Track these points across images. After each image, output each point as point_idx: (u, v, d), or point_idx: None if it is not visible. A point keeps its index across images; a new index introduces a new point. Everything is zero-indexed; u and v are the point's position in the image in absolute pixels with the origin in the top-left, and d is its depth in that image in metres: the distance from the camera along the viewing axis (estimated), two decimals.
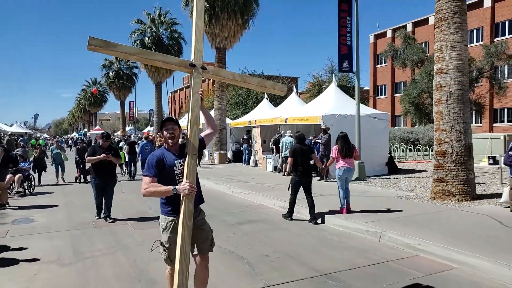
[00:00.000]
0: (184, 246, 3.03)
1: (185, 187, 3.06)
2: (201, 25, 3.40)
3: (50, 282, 4.71)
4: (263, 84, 3.84)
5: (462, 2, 8.79)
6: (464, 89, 8.77)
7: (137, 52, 3.20)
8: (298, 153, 7.64)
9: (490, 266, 4.68)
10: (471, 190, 8.74)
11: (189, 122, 3.22)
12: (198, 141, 3.32)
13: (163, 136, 3.40)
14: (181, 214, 3.07)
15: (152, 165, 3.27)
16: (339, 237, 6.49)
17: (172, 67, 3.44)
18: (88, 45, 2.87)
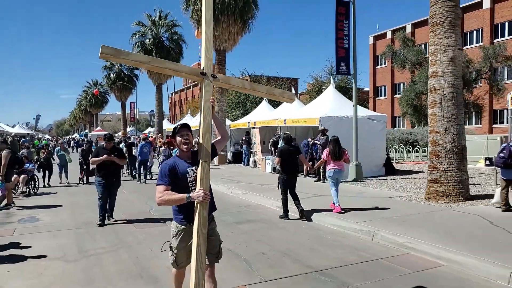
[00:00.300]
0: (200, 253, 3.00)
1: (199, 194, 3.06)
2: (210, 34, 3.41)
3: (57, 277, 4.95)
4: (272, 92, 3.85)
5: (456, 7, 9.01)
6: (458, 92, 8.99)
7: (148, 61, 3.21)
8: (285, 153, 8.02)
9: (477, 263, 4.90)
10: (465, 191, 8.96)
11: (202, 129, 3.21)
12: (211, 147, 3.31)
13: (176, 142, 3.40)
14: (196, 221, 3.05)
15: (165, 174, 3.28)
16: (333, 236, 6.72)
17: (182, 75, 3.46)
18: (101, 54, 2.90)
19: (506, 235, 6.08)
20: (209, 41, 3.39)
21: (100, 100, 70.16)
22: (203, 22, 3.42)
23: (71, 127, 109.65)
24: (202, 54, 3.38)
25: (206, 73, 3.32)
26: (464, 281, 4.61)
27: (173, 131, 3.45)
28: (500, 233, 6.21)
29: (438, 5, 9.01)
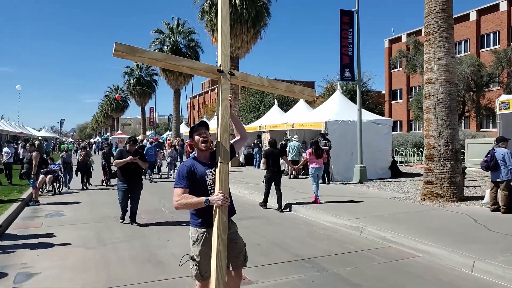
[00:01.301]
0: (220, 260, 2.88)
1: (218, 198, 2.94)
2: (226, 30, 3.31)
3: (79, 261, 5.75)
4: (292, 89, 3.71)
5: (449, 17, 9.51)
6: (451, 98, 9.48)
7: (163, 58, 3.13)
8: (270, 155, 9.43)
9: (447, 254, 5.46)
10: (458, 192, 9.41)
11: (219, 129, 3.12)
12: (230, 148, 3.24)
13: (194, 141, 3.28)
14: (215, 227, 2.93)
15: (183, 176, 3.13)
16: (325, 231, 7.35)
17: (199, 73, 3.34)
18: (115, 51, 2.82)
19: (484, 231, 6.59)
20: (226, 36, 3.28)
21: (121, 104, 72.30)
22: (219, 17, 3.32)
23: (93, 130, 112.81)
24: (219, 50, 3.25)
25: (223, 71, 3.19)
26: (431, 268, 5.18)
27: (191, 131, 3.33)
28: (479, 230, 6.71)
29: (431, 16, 9.53)
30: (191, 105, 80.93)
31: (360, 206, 9.13)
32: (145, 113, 56.94)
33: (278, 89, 3.64)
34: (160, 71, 37.32)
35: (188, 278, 4.73)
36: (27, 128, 50.76)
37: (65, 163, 14.19)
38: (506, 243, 5.82)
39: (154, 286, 4.75)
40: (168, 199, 10.95)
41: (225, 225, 2.97)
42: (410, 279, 4.84)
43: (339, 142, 14.25)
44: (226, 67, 3.22)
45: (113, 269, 5.39)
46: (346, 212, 8.42)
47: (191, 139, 3.31)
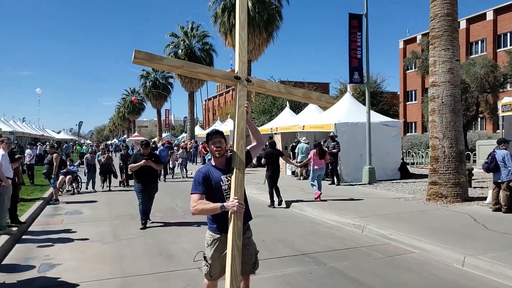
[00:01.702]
0: (235, 266, 2.91)
1: (233, 204, 2.99)
2: (244, 37, 3.32)
3: (96, 254, 6.22)
4: (309, 95, 3.73)
5: (453, 21, 9.70)
6: (456, 100, 9.66)
7: (182, 65, 3.15)
8: (270, 155, 10.04)
9: (440, 250, 5.73)
10: (462, 193, 9.59)
11: (235, 136, 3.14)
12: (245, 154, 3.27)
13: (210, 149, 3.34)
14: (230, 232, 2.97)
15: (199, 182, 3.20)
16: (329, 229, 7.67)
17: (216, 79, 3.38)
18: (134, 59, 2.88)
19: (482, 230, 6.81)
20: (244, 43, 3.30)
21: (137, 107, 73.56)
22: (237, 23, 3.34)
23: (111, 132, 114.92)
24: (236, 57, 3.29)
25: (240, 77, 3.22)
26: (424, 263, 5.46)
27: (206, 138, 3.41)
28: (477, 228, 6.93)
29: (436, 20, 9.74)
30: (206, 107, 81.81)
31: (365, 205, 9.39)
32: (161, 116, 57.91)
33: (295, 95, 3.61)
34: (175, 74, 38.05)
35: (195, 270, 5.15)
36: (46, 130, 52.27)
37: (89, 165, 14.52)
38: (500, 241, 6.05)
39: (164, 276, 5.16)
40: (180, 198, 11.39)
41: (240, 231, 3.01)
42: (404, 273, 5.13)
43: (348, 144, 14.50)
44: (243, 73, 3.25)
45: (127, 261, 5.83)
46: (350, 211, 8.70)
47: (207, 145, 3.39)
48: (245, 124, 3.21)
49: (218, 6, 24.61)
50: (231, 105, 52.47)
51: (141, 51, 2.89)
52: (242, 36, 3.30)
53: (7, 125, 30.74)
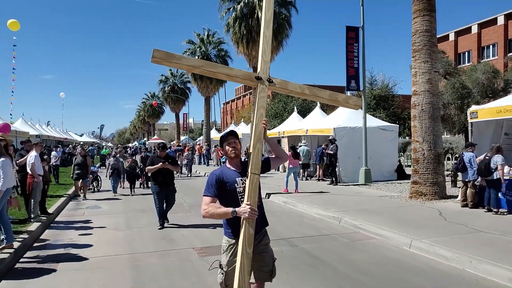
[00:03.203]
0: (243, 274, 2.84)
1: (245, 210, 2.87)
2: (269, 35, 3.20)
3: (111, 238, 7.51)
4: (335, 97, 3.46)
5: (432, 36, 10.67)
6: (434, 108, 10.61)
7: (201, 65, 3.05)
8: None
9: (395, 236, 6.78)
10: (440, 191, 10.52)
11: (252, 138, 3.05)
12: (264, 161, 3.20)
13: (224, 151, 3.25)
14: (241, 240, 2.87)
15: (212, 184, 3.09)
16: (312, 221, 8.77)
17: (237, 80, 3.23)
18: (153, 58, 2.82)
19: (441, 221, 7.80)
20: (268, 42, 3.18)
21: (157, 111, 75.74)
22: (262, 22, 3.22)
23: (131, 135, 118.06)
24: (260, 56, 3.17)
25: (261, 78, 3.09)
26: (378, 246, 6.53)
27: (221, 140, 3.32)
28: (437, 220, 7.92)
29: (417, 35, 10.73)
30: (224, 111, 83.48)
31: (351, 202, 10.44)
32: (179, 119, 59.77)
33: (320, 97, 3.45)
34: (192, 79, 39.62)
35: (189, 249, 6.37)
36: (70, 133, 54.77)
37: (113, 169, 14.20)
38: (450, 230, 7.05)
39: (164, 254, 6.39)
40: (189, 195, 12.63)
41: (251, 238, 2.89)
42: (358, 253, 6.21)
43: (347, 147, 15.52)
44: (265, 74, 3.12)
45: (136, 244, 7.09)
46: (335, 206, 9.77)
47: (221, 147, 3.29)
48: (263, 128, 3.06)
49: (230, 16, 25.90)
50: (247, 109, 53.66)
51: (160, 50, 2.85)
52: (266, 35, 3.18)
53: (34, 128, 32.76)
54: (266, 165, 3.26)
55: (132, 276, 5.33)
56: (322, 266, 5.62)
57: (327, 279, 5.05)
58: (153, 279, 5.20)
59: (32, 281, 5.22)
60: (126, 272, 5.50)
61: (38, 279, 5.28)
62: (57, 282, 5.19)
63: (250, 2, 25.61)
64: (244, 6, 25.40)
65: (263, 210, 3.24)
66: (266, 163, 3.27)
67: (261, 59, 3.15)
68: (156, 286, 4.96)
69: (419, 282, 4.92)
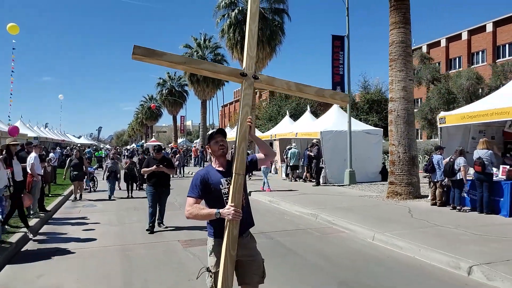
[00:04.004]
0: (226, 276, 2.81)
1: (229, 212, 2.82)
2: (255, 29, 3.11)
3: (104, 232, 8.19)
4: (322, 93, 3.38)
5: (407, 47, 11.41)
6: (409, 113, 11.34)
7: (184, 61, 2.98)
8: None
9: (361, 230, 7.48)
10: (414, 191, 11.23)
11: (237, 137, 2.97)
12: (250, 160, 3.21)
13: (211, 149, 3.20)
14: (224, 241, 2.84)
15: (196, 185, 3.05)
16: (292, 217, 9.47)
17: (221, 76, 3.20)
18: (133, 54, 2.75)
19: (407, 217, 8.51)
20: (253, 37, 3.10)
21: (155, 113, 76.42)
22: (248, 15, 3.15)
23: (130, 138, 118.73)
24: (245, 51, 3.12)
25: (247, 74, 3.02)
26: (346, 239, 7.24)
27: (208, 138, 3.27)
28: (405, 216, 8.63)
29: (393, 46, 11.47)
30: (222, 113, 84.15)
31: (331, 201, 11.14)
32: (176, 122, 60.48)
33: (307, 93, 3.37)
34: (189, 83, 40.35)
35: (174, 242, 7.06)
36: (67, 135, 55.36)
37: (110, 172, 13.83)
38: (413, 224, 7.76)
39: (152, 245, 7.07)
40: (181, 195, 13.29)
41: (234, 240, 2.86)
42: (327, 244, 6.90)
43: (333, 149, 16.22)
44: (250, 70, 3.06)
45: (127, 237, 7.77)
46: (315, 204, 10.46)
47: (208, 146, 3.24)
48: (248, 126, 3.00)
49: (225, 23, 26.72)
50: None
51: (141, 47, 2.77)
52: (252, 29, 3.10)
53: (32, 131, 33.33)
54: (253, 164, 3.24)
55: (122, 263, 6.01)
56: (292, 256, 6.30)
57: (296, 267, 5.72)
58: (141, 265, 5.88)
59: (32, 265, 5.90)
60: (117, 260, 6.18)
61: (38, 264, 5.96)
62: (54, 267, 5.87)
63: (244, 9, 26.40)
64: (238, 13, 26.23)
65: (250, 210, 3.21)
66: (253, 162, 3.24)
67: (246, 54, 3.09)
68: (142, 271, 5.64)
69: (374, 268, 5.61)
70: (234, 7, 26.65)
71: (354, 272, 5.42)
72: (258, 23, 3.25)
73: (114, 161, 14.40)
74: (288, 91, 3.34)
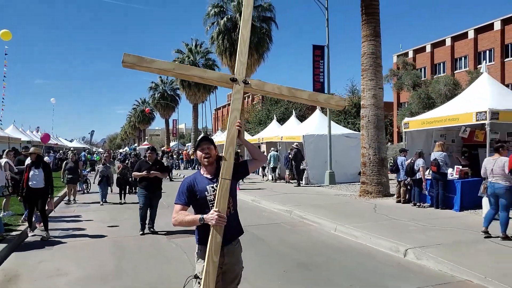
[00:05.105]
0: (207, 283, 2.82)
1: (212, 217, 2.80)
2: (246, 35, 3.14)
3: (97, 228, 9.06)
4: (315, 98, 3.37)
5: (377, 58, 12.42)
6: (378, 119, 12.35)
7: (173, 68, 3.03)
8: None
9: (326, 223, 8.46)
10: (384, 190, 12.24)
11: (226, 142, 2.99)
12: (240, 164, 3.21)
13: (198, 156, 3.19)
14: (208, 247, 2.84)
15: (183, 192, 3.08)
16: (269, 213, 10.43)
17: (211, 82, 3.24)
18: (123, 63, 2.81)
19: (371, 212, 9.50)
20: (245, 42, 3.14)
21: (148, 116, 77.14)
22: (241, 21, 3.19)
23: (123, 141, 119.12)
24: (237, 57, 3.15)
25: (237, 79, 3.06)
26: (312, 231, 8.20)
27: (196, 145, 3.26)
28: (368, 212, 9.61)
29: (365, 57, 12.49)
30: (216, 116, 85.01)
31: (307, 199, 12.10)
32: (168, 125, 61.31)
33: (299, 98, 3.32)
34: (180, 87, 41.25)
35: (159, 236, 7.96)
36: (60, 139, 55.81)
37: (101, 176, 13.40)
38: (373, 218, 8.75)
39: (139, 238, 7.97)
40: (170, 196, 14.16)
41: (218, 246, 2.85)
42: (294, 235, 7.85)
43: (315, 152, 17.23)
44: (240, 75, 3.09)
45: (118, 231, 8.66)
46: (292, 202, 11.42)
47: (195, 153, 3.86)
48: (237, 130, 2.99)
49: (214, 30, 27.70)
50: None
51: (131, 55, 2.85)
52: (244, 34, 3.14)
53: (25, 134, 33.94)
54: (244, 168, 3.23)
55: (113, 252, 6.91)
56: (261, 244, 7.25)
57: (261, 252, 6.66)
58: (130, 254, 6.77)
59: (34, 254, 6.79)
60: (109, 250, 7.07)
61: (38, 253, 6.85)
62: (53, 255, 6.76)
63: (233, 17, 27.46)
64: (227, 21, 27.24)
65: (238, 217, 3.26)
66: (244, 166, 3.23)
67: (238, 60, 3.12)
68: (130, 257, 6.55)
69: (328, 253, 6.57)
70: (223, 15, 27.65)
71: (311, 256, 6.37)
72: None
73: (106, 165, 13.98)
74: (280, 96, 3.31)
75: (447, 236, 7.00)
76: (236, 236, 3.24)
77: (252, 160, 3.29)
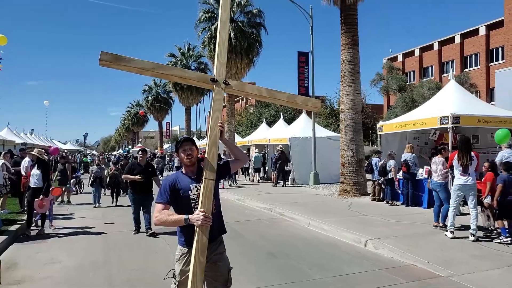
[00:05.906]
0: (195, 283, 2.78)
1: (198, 217, 2.78)
2: (225, 37, 3.21)
3: (89, 224, 9.69)
4: (293, 99, 3.39)
5: (355, 65, 13.19)
6: (356, 123, 13.10)
7: (152, 67, 2.96)
8: None
9: (302, 218, 9.17)
10: (361, 189, 12.98)
11: (208, 142, 3.02)
12: (223, 165, 3.22)
13: (180, 157, 3.19)
14: (194, 247, 2.81)
15: (165, 190, 3.05)
16: (251, 211, 11.12)
17: (191, 82, 3.21)
18: (100, 61, 2.73)
19: (345, 210, 10.22)
20: (224, 44, 3.18)
21: (141, 119, 77.46)
22: (219, 23, 3.23)
23: (117, 143, 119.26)
24: (215, 58, 3.15)
25: (217, 80, 3.07)
26: (289, 226, 8.91)
27: (176, 145, 3.25)
28: (343, 209, 10.33)
29: (343, 64, 13.26)
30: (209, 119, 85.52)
31: (289, 198, 12.81)
32: (162, 128, 61.84)
33: (278, 99, 3.38)
34: (173, 90, 41.84)
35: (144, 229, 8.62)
36: (53, 141, 56.03)
37: (94, 178, 13.27)
38: (346, 214, 9.47)
39: (127, 232, 8.62)
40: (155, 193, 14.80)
41: (204, 246, 2.84)
42: (271, 229, 8.54)
43: (300, 154, 17.97)
44: (220, 76, 3.11)
45: (109, 227, 9.30)
46: (274, 201, 12.12)
47: (177, 154, 3.27)
48: (219, 131, 3.00)
49: (206, 35, 28.34)
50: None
51: (108, 53, 2.79)
52: (222, 36, 3.19)
53: (19, 137, 34.29)
54: (226, 169, 3.25)
55: (103, 244, 7.57)
56: (240, 238, 7.92)
57: (238, 243, 7.34)
58: (117, 246, 7.43)
59: (31, 245, 7.43)
60: (99, 242, 7.73)
61: (35, 244, 7.49)
62: (49, 246, 7.41)
63: None
64: None
65: (221, 216, 3.28)
66: (226, 167, 3.25)
67: (217, 61, 3.14)
68: (117, 248, 7.21)
69: (298, 244, 7.26)
70: (214, 21, 28.26)
71: (281, 247, 7.07)
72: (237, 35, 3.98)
73: (100, 167, 14.03)
74: (260, 97, 3.35)
75: (407, 229, 7.74)
76: (220, 235, 3.26)
77: (234, 160, 3.35)
